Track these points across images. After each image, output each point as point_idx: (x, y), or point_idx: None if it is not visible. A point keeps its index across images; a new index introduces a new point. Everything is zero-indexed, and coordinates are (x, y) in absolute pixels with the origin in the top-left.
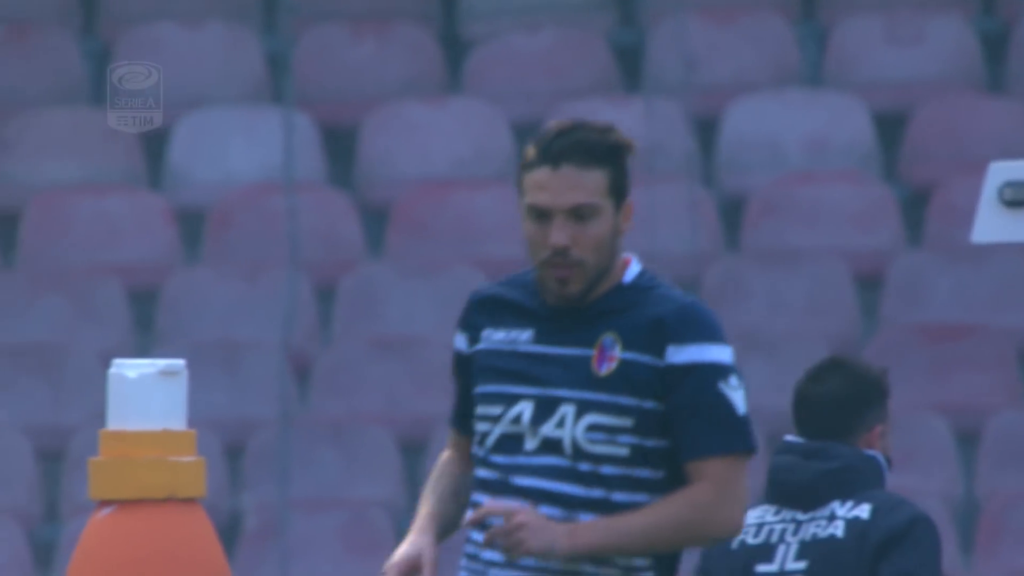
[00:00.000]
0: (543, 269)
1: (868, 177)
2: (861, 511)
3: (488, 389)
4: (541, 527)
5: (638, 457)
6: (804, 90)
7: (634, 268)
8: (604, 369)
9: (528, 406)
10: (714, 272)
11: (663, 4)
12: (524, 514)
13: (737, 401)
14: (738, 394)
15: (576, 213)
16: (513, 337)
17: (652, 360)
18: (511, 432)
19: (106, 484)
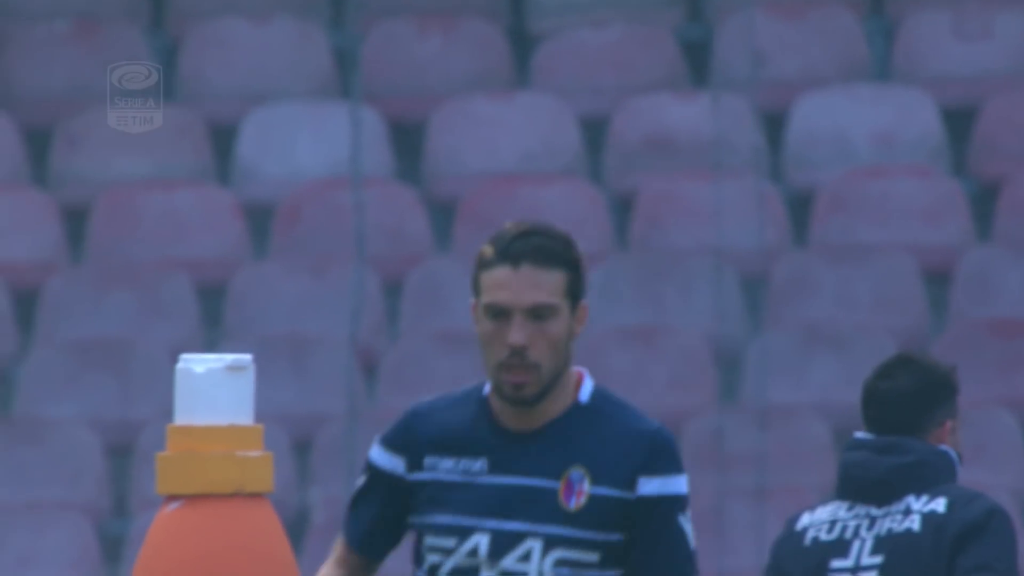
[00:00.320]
0: (498, 372)
1: (937, 172)
2: (937, 505)
3: (440, 520)
4: None
5: None
6: (872, 84)
7: (587, 385)
8: (573, 504)
9: (484, 539)
10: (782, 267)
11: None
12: None
13: (691, 534)
14: (690, 526)
15: (535, 313)
16: (465, 467)
17: (622, 494)
18: (465, 565)
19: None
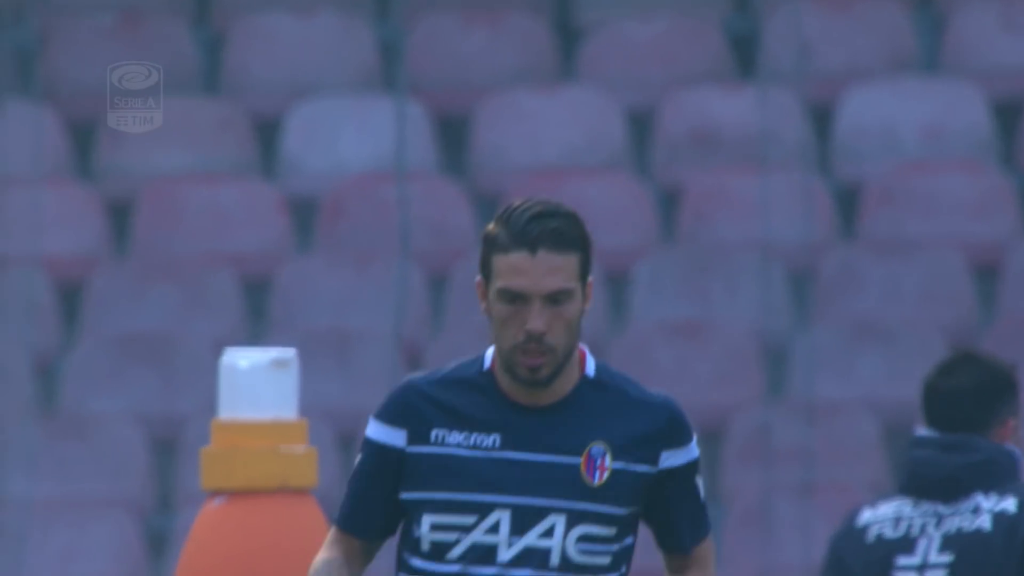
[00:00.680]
0: (513, 354)
1: (985, 165)
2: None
3: (452, 496)
4: None
5: (613, 563)
6: (920, 77)
7: (590, 360)
8: (597, 479)
9: (505, 515)
10: (829, 262)
11: None
12: None
13: (703, 488)
14: (701, 481)
15: (552, 298)
16: (476, 442)
17: (647, 469)
18: (484, 542)
19: (218, 474)
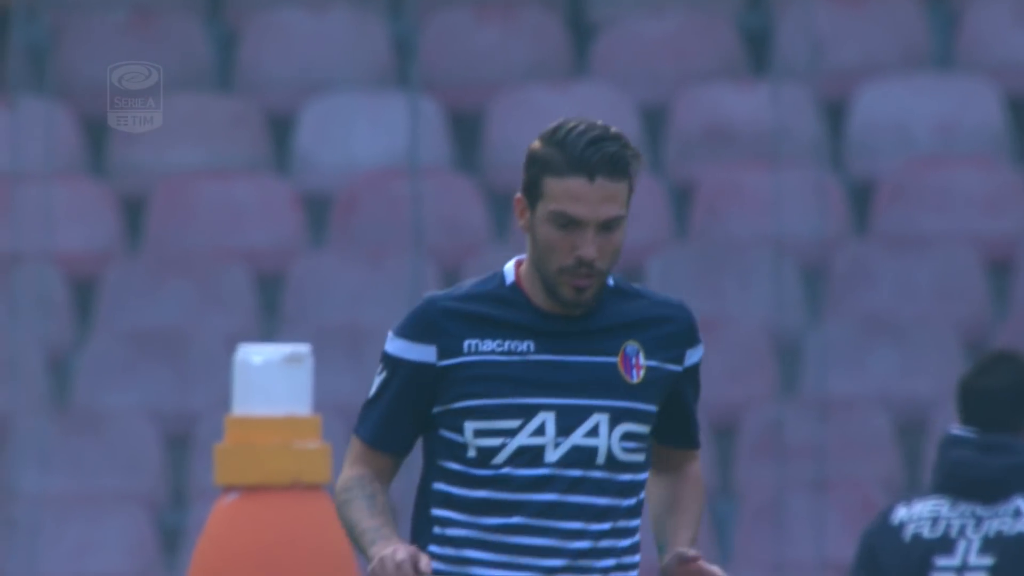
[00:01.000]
0: (560, 275)
1: (999, 161)
2: None
3: (495, 402)
4: None
5: (645, 462)
6: (934, 73)
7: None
8: (635, 377)
9: (550, 416)
10: (842, 258)
11: None
12: None
13: None
14: None
15: (605, 225)
16: (511, 347)
17: (674, 367)
18: (530, 444)
19: (231, 470)
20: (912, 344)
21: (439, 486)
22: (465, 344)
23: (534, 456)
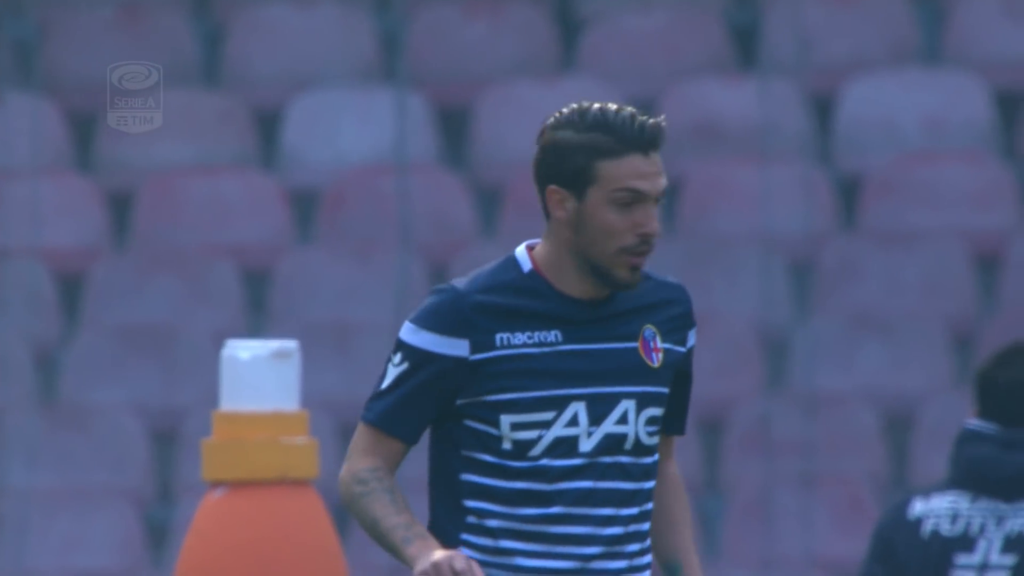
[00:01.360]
0: (619, 256)
1: (987, 156)
2: None
3: (529, 395)
4: None
5: (657, 443)
6: (922, 68)
7: None
8: (656, 361)
9: (581, 406)
10: (830, 253)
11: None
12: None
13: None
14: None
15: (659, 198)
16: (540, 339)
17: (682, 349)
18: (565, 435)
19: (219, 465)
20: (900, 340)
21: (470, 477)
22: (497, 338)
23: (570, 446)
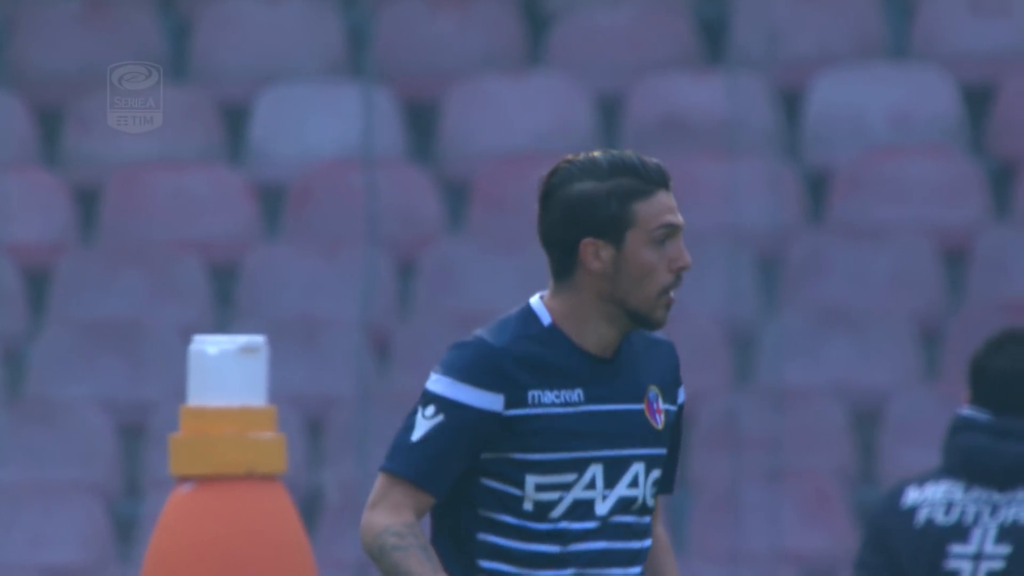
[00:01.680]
0: (660, 297)
1: (954, 151)
2: None
3: (555, 456)
4: None
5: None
6: (889, 63)
7: None
8: (659, 422)
9: (598, 468)
10: (797, 248)
11: None
12: None
13: None
14: None
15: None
16: (565, 398)
17: (674, 408)
18: (583, 498)
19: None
20: (867, 334)
21: (488, 537)
22: (529, 395)
23: (587, 509)
